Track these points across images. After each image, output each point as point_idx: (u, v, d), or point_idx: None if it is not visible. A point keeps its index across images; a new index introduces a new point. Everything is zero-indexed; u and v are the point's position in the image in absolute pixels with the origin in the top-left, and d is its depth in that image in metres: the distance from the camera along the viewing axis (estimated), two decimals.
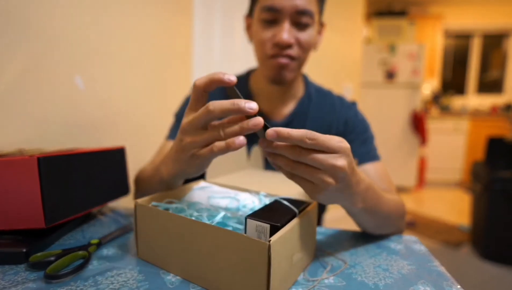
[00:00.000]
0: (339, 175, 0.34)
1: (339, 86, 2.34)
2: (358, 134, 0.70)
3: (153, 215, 0.41)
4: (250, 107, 0.33)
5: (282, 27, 0.59)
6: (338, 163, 0.33)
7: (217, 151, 0.36)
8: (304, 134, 0.32)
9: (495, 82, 4.01)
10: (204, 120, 0.36)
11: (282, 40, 0.58)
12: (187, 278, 0.39)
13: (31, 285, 0.37)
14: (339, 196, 0.38)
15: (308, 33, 0.61)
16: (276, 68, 0.62)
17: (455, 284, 0.40)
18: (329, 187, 0.35)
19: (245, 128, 0.34)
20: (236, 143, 0.35)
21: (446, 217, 2.62)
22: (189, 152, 0.39)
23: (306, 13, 0.58)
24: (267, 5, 0.59)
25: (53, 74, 0.79)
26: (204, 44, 1.51)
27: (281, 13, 0.58)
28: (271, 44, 0.61)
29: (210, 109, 0.35)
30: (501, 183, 1.74)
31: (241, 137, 0.35)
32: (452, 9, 3.85)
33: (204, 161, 0.39)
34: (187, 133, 0.38)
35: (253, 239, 0.32)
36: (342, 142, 0.34)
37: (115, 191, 0.60)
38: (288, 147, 0.34)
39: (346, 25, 2.31)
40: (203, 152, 0.38)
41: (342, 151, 0.34)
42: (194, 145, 0.38)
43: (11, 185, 0.43)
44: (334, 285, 0.39)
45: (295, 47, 0.61)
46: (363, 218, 0.48)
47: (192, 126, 0.37)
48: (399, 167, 3.34)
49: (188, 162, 0.40)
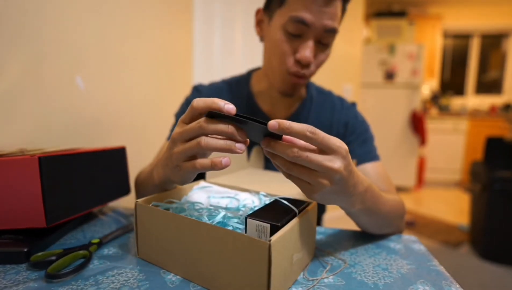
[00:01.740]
0: (334, 177, 0.34)
1: (339, 87, 2.34)
2: (358, 135, 0.70)
3: (153, 215, 0.41)
4: (242, 134, 0.35)
5: (307, 44, 0.56)
6: (334, 166, 0.34)
7: (199, 167, 0.36)
8: (306, 127, 0.32)
9: (494, 82, 4.02)
10: (194, 135, 0.36)
11: (306, 59, 0.56)
12: (187, 278, 0.39)
13: (32, 284, 0.37)
14: (336, 197, 0.38)
15: (326, 53, 0.60)
16: (290, 85, 0.61)
17: (454, 284, 0.40)
18: (324, 188, 0.35)
19: (231, 149, 0.35)
20: (223, 163, 0.35)
21: (446, 217, 2.62)
22: (174, 162, 0.39)
23: (332, 31, 0.56)
24: (297, 16, 0.54)
25: (54, 74, 0.79)
26: (204, 45, 1.51)
27: (310, 28, 0.55)
28: (292, 60, 0.58)
29: (202, 125, 0.35)
30: (500, 183, 1.75)
31: (226, 158, 0.35)
32: (451, 10, 3.85)
33: (187, 174, 0.39)
34: (176, 143, 0.38)
35: (253, 239, 0.32)
36: (341, 144, 0.34)
37: (116, 191, 0.60)
38: (285, 147, 0.34)
39: (346, 26, 2.31)
40: (186, 165, 0.38)
41: (340, 153, 0.34)
42: (179, 157, 0.38)
43: (12, 184, 0.43)
44: (334, 284, 0.39)
45: (312, 65, 0.60)
46: (362, 219, 0.48)
47: (181, 137, 0.37)
48: (398, 167, 3.34)
49: (173, 171, 0.41)
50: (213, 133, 0.35)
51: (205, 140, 0.35)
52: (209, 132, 0.35)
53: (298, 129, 0.32)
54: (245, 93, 0.72)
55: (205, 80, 1.46)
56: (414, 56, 3.24)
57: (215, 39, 1.57)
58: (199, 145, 0.35)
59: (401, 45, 3.27)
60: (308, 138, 0.33)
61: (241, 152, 0.35)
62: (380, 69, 3.32)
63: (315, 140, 0.33)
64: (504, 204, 1.75)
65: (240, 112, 0.35)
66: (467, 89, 4.08)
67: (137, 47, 1.10)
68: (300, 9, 0.54)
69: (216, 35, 1.57)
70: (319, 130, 0.33)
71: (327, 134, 0.33)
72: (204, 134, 0.36)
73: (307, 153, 0.33)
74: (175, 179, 0.42)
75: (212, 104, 0.35)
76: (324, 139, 0.33)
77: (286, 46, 0.58)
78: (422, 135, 3.26)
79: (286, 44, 0.58)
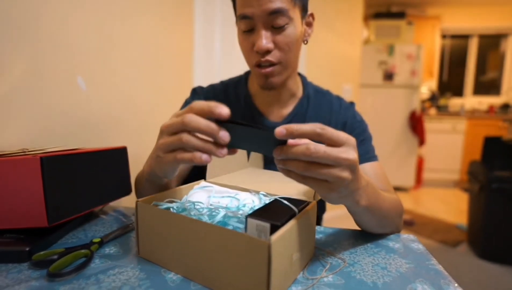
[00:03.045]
0: (351, 167, 0.35)
1: (339, 87, 2.34)
2: (356, 135, 0.70)
3: (154, 215, 0.41)
4: (223, 138, 0.35)
5: (258, 34, 0.57)
6: (350, 156, 0.34)
7: (180, 159, 0.37)
8: (315, 125, 0.33)
9: (493, 83, 4.02)
10: (178, 129, 0.37)
11: (260, 48, 0.57)
12: (188, 277, 0.39)
13: (34, 283, 0.37)
14: (349, 193, 0.38)
15: (286, 33, 0.59)
16: (261, 76, 0.62)
17: (452, 283, 0.40)
18: (344, 182, 0.35)
19: (210, 151, 0.36)
20: (203, 159, 0.36)
21: (444, 216, 2.63)
22: (158, 152, 0.40)
23: (278, 12, 0.56)
24: (240, 14, 0.58)
25: (56, 75, 0.80)
26: (204, 45, 1.51)
27: (254, 19, 0.57)
28: (252, 53, 0.60)
29: (185, 121, 0.36)
30: (497, 182, 1.75)
31: (205, 155, 0.36)
32: (449, 11, 3.86)
33: (168, 166, 0.40)
34: (163, 135, 0.39)
35: (253, 238, 0.33)
36: (349, 136, 0.35)
37: (117, 190, 0.60)
38: (300, 148, 0.34)
39: (346, 27, 2.32)
40: (167, 157, 0.39)
41: (351, 144, 0.35)
42: (162, 148, 0.39)
43: (15, 184, 0.43)
44: (333, 283, 0.39)
45: (275, 51, 0.59)
46: (365, 217, 0.49)
47: (168, 130, 0.38)
48: (398, 167, 3.35)
49: (156, 162, 0.42)
50: (193, 130, 0.36)
51: (187, 137, 0.36)
52: (190, 128, 0.36)
53: (308, 128, 0.33)
54: (242, 94, 0.72)
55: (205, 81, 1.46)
56: (413, 57, 3.25)
57: (216, 40, 1.57)
58: (180, 140, 0.36)
59: (400, 46, 3.28)
60: (318, 135, 0.33)
61: (221, 156, 0.36)
62: (379, 70, 3.33)
63: (325, 135, 0.33)
64: (502, 204, 1.76)
65: (238, 113, 0.35)
66: (466, 89, 4.09)
67: (138, 48, 1.10)
68: (241, 6, 0.58)
69: (217, 36, 1.57)
70: (326, 126, 0.34)
71: (334, 129, 0.34)
72: (186, 129, 0.36)
73: (323, 148, 0.33)
74: (157, 171, 0.43)
75: (209, 109, 0.35)
76: (334, 133, 0.34)
77: (245, 44, 0.61)
78: (421, 135, 3.28)
79: (245, 42, 0.61)
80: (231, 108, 0.35)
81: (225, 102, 0.37)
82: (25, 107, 0.73)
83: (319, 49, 2.17)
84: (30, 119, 0.74)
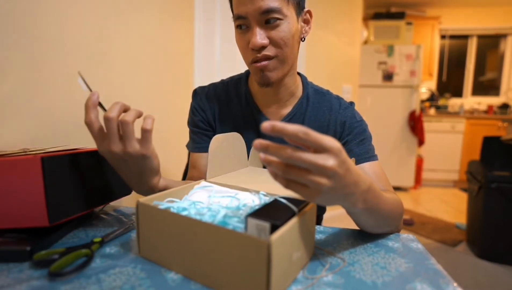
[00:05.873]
0: (329, 175, 0.34)
1: (338, 87, 2.35)
2: (356, 135, 0.71)
3: (154, 214, 0.42)
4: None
5: (253, 32, 0.60)
6: (327, 163, 0.34)
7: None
8: (299, 129, 0.33)
9: (492, 83, 4.03)
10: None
11: (254, 44, 0.59)
12: (188, 276, 0.40)
13: (35, 282, 0.37)
14: (337, 197, 0.38)
15: (280, 29, 0.60)
16: (258, 72, 0.63)
17: (451, 282, 0.41)
18: (322, 187, 0.35)
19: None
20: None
21: (443, 216, 2.64)
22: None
23: (270, 11, 0.58)
24: (235, 14, 0.61)
25: (56, 75, 0.80)
26: (205, 46, 1.52)
27: (248, 18, 0.59)
28: (248, 51, 0.62)
29: (86, 121, 0.48)
30: (496, 182, 1.76)
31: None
32: (449, 11, 3.87)
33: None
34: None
35: (253, 238, 0.33)
36: (334, 143, 0.34)
37: (118, 190, 0.60)
38: (278, 148, 0.34)
39: (346, 28, 2.33)
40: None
41: (332, 151, 0.34)
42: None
43: (15, 184, 0.43)
44: (333, 282, 0.40)
45: (270, 46, 0.61)
46: (364, 218, 0.49)
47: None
48: (397, 167, 3.36)
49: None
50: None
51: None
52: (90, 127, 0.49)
53: (291, 130, 0.33)
54: (243, 92, 0.73)
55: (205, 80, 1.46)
56: (412, 57, 3.26)
57: (216, 41, 1.57)
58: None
59: (400, 46, 3.28)
60: (301, 139, 0.33)
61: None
62: (379, 70, 3.33)
63: (308, 140, 0.33)
64: (501, 203, 1.76)
65: (238, 112, 0.35)
66: (465, 90, 4.10)
67: (139, 49, 1.10)
68: (236, 6, 0.61)
69: (217, 38, 1.57)
70: (311, 130, 0.33)
71: (320, 134, 0.34)
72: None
73: (299, 152, 0.33)
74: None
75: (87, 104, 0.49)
76: (317, 139, 0.33)
77: (241, 42, 0.63)
78: (420, 135, 3.28)
79: (241, 40, 0.63)
80: (232, 107, 0.35)
81: (226, 101, 0.37)
82: (26, 107, 0.73)
83: (318, 49, 2.18)
84: (31, 119, 0.74)
